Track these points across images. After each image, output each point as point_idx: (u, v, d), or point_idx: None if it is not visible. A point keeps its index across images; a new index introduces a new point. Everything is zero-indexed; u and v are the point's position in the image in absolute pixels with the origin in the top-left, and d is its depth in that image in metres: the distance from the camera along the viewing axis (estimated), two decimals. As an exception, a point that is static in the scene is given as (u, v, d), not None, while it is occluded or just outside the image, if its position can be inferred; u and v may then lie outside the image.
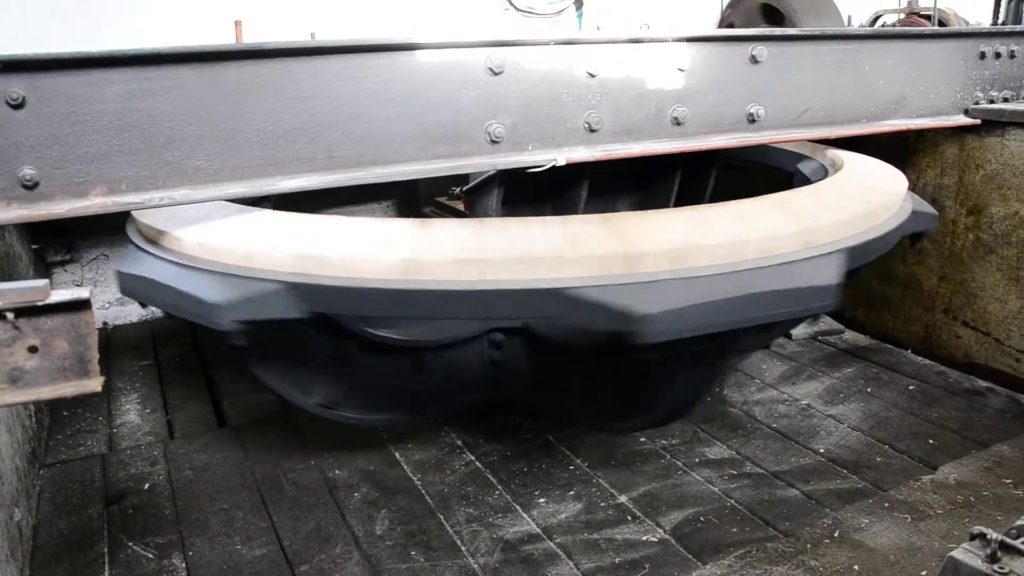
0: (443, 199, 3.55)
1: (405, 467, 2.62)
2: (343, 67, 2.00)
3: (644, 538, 2.24)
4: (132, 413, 3.05)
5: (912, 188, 3.27)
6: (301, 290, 1.80)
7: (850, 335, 3.58)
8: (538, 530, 2.28)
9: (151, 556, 2.20)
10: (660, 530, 2.27)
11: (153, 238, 2.14)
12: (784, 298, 1.70)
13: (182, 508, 2.42)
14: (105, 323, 3.96)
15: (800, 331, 3.53)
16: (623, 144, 2.36)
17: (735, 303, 1.66)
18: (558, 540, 2.23)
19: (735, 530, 2.27)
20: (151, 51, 1.79)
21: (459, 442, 2.76)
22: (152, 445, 2.79)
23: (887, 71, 2.81)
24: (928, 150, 3.21)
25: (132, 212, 2.27)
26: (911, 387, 3.08)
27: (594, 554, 2.18)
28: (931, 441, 2.69)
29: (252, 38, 4.20)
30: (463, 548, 2.21)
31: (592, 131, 2.29)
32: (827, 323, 3.62)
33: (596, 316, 1.64)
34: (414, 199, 3.17)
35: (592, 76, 2.27)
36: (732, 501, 2.39)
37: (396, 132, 2.07)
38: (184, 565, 2.16)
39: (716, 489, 2.45)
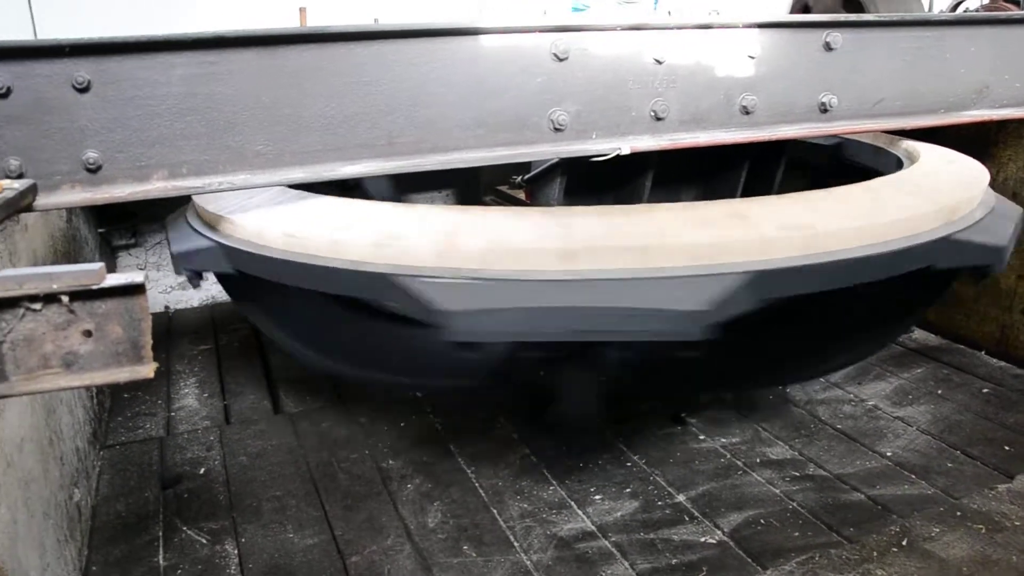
0: (504, 188, 3.51)
1: (459, 459, 2.59)
2: (405, 52, 1.96)
3: (702, 539, 2.18)
4: (190, 397, 3.08)
5: (992, 182, 3.13)
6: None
7: (919, 334, 3.44)
8: (593, 528, 2.23)
9: (204, 541, 2.21)
10: (719, 531, 2.20)
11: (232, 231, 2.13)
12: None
13: (236, 494, 2.42)
14: (167, 307, 4.01)
15: (866, 329, 3.40)
16: (690, 133, 2.28)
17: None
18: (613, 539, 2.18)
19: (797, 534, 2.19)
20: (213, 35, 1.77)
21: (514, 435, 2.72)
22: (208, 430, 2.81)
23: (969, 59, 2.67)
24: (1011, 142, 3.05)
25: (194, 198, 2.28)
26: (985, 390, 2.95)
27: (650, 554, 2.12)
28: (1007, 448, 2.56)
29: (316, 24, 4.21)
30: (516, 544, 2.17)
31: (658, 119, 2.22)
32: (895, 322, 3.49)
33: None
34: (476, 187, 3.13)
35: (659, 63, 2.19)
36: (794, 504, 2.30)
37: (457, 118, 2.03)
38: (236, 552, 2.17)
39: (777, 491, 2.37)
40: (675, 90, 2.24)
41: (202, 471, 2.55)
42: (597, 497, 2.37)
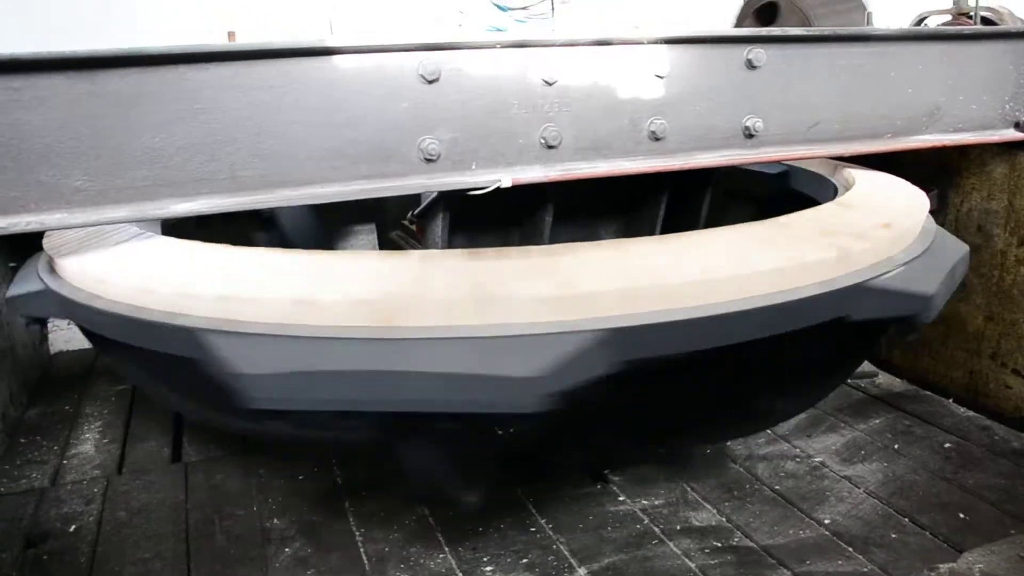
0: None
1: (351, 519, 2.35)
2: (245, 75, 1.75)
3: (595, 623, 1.92)
4: (89, 443, 2.88)
5: (956, 213, 2.87)
6: None
7: (885, 379, 3.16)
8: (475, 606, 1.99)
9: (46, 614, 2.00)
10: (615, 614, 1.94)
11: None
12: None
13: (101, 556, 2.21)
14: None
15: (827, 373, 3.12)
16: (588, 162, 2.05)
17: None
18: (494, 620, 1.93)
19: (705, 618, 1.93)
20: (12, 57, 1.58)
21: (415, 492, 2.48)
22: (95, 481, 2.61)
23: (918, 78, 2.42)
24: (973, 170, 2.78)
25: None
26: (947, 444, 2.65)
27: (533, 640, 1.87)
28: (961, 515, 2.27)
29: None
30: (386, 623, 1.94)
31: (550, 147, 2.00)
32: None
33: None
34: (391, 221, 2.92)
35: (549, 84, 1.97)
36: (708, 581, 2.04)
37: (310, 149, 1.82)
38: (77, 627, 1.96)
39: (693, 565, 2.10)
40: (569, 114, 2.01)
41: (72, 528, 2.34)
42: (488, 568, 2.12)
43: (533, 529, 2.28)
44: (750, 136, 2.20)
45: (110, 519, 2.39)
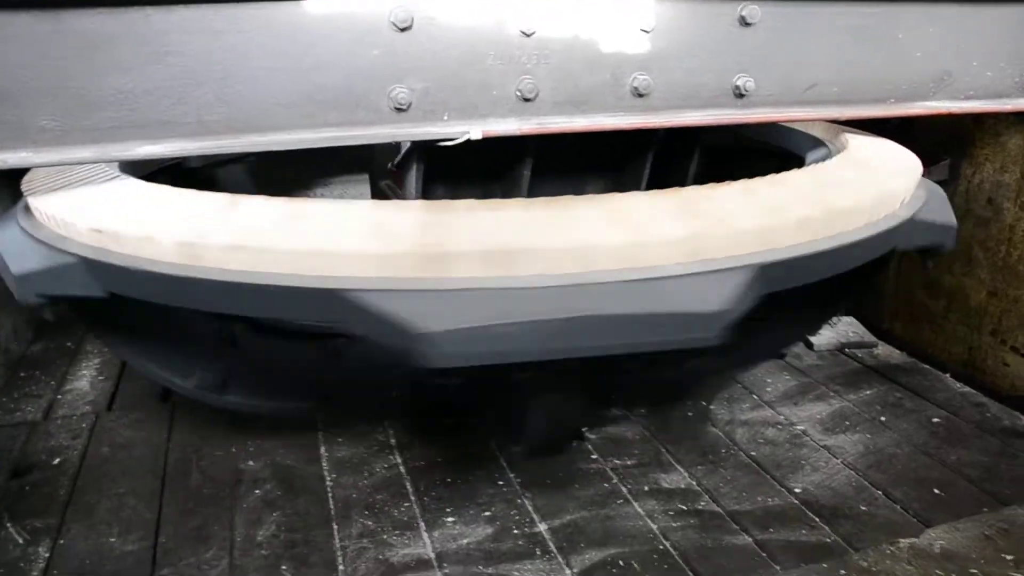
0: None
1: (324, 464, 2.39)
2: (212, 19, 1.73)
3: (546, 579, 1.94)
4: (85, 379, 2.95)
5: (967, 184, 2.76)
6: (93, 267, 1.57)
7: (883, 350, 3.09)
8: (431, 555, 2.00)
9: (20, 541, 2.07)
10: (567, 571, 1.95)
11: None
12: (630, 325, 1.32)
13: (79, 489, 2.28)
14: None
15: (823, 340, 3.07)
16: (566, 117, 2.01)
17: (553, 327, 1.29)
18: (447, 570, 1.95)
19: (656, 581, 1.93)
20: (-27, -6, 1.58)
21: (392, 441, 2.50)
22: (85, 416, 2.68)
23: (927, 41, 2.31)
24: (987, 140, 2.67)
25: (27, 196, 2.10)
26: (936, 419, 2.60)
27: (482, 592, 1.89)
28: (937, 491, 2.23)
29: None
30: (340, 568, 1.96)
31: (526, 100, 1.95)
32: (858, 333, 3.14)
33: (374, 328, 1.31)
34: (381, 170, 2.90)
35: (527, 35, 1.92)
36: (667, 544, 2.03)
37: (278, 95, 1.80)
38: (48, 555, 2.02)
39: (654, 527, 2.10)
40: (547, 67, 1.96)
41: (56, 461, 2.41)
42: (450, 519, 2.14)
43: (501, 483, 2.29)
44: (740, 96, 2.13)
45: (94, 454, 2.45)
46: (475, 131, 1.90)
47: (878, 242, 1.72)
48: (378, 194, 2.80)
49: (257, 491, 2.26)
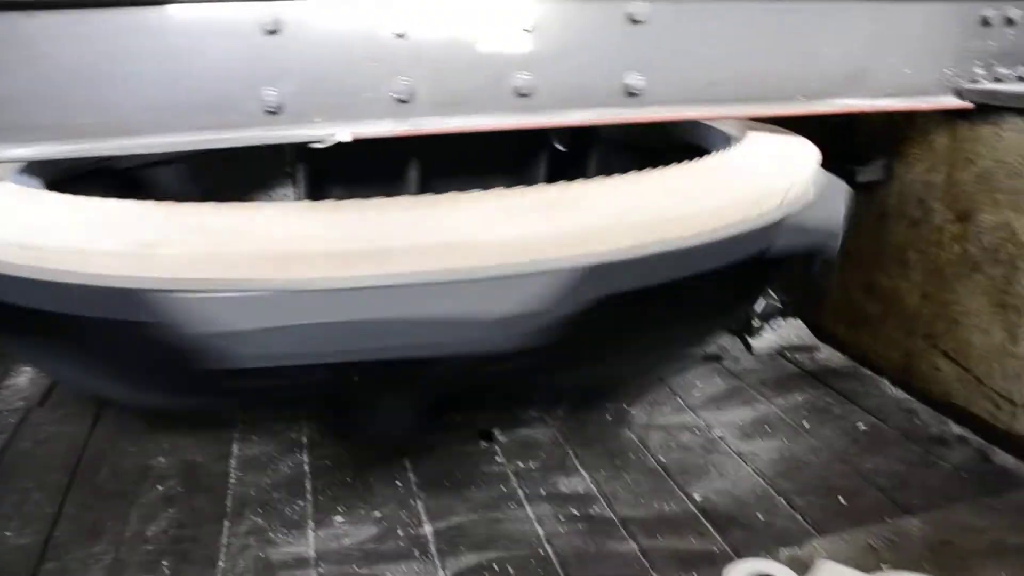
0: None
1: (232, 462, 2.41)
2: (77, 23, 1.76)
3: (417, 582, 1.93)
4: (25, 376, 3.02)
5: (900, 184, 2.69)
6: None
7: (825, 353, 3.02)
8: (312, 554, 2.01)
9: (-80, 532, 2.13)
10: (440, 573, 1.94)
11: None
12: (410, 329, 1.31)
13: (-9, 483, 2.34)
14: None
15: (763, 343, 3.01)
16: (444, 118, 1.99)
17: (333, 330, 1.28)
18: (322, 570, 1.95)
19: (530, 587, 1.91)
20: None
21: (304, 439, 2.52)
22: (16, 411, 2.74)
23: (838, 36, 2.26)
24: (918, 139, 2.59)
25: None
26: (862, 426, 2.53)
27: (351, 593, 1.89)
28: (842, 500, 2.17)
29: None
30: (221, 564, 1.98)
31: (402, 101, 1.95)
32: (801, 336, 3.07)
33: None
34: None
35: (401, 37, 1.92)
36: (549, 549, 2.01)
37: (146, 98, 1.82)
38: (-59, 546, 2.07)
39: (540, 531, 2.08)
40: (423, 68, 1.95)
41: (-22, 455, 2.48)
42: (339, 519, 2.14)
43: (399, 483, 2.29)
44: (632, 95, 2.10)
45: (14, 449, 2.51)
46: (343, 133, 1.90)
47: (729, 246, 1.65)
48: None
49: (159, 487, 2.29)
